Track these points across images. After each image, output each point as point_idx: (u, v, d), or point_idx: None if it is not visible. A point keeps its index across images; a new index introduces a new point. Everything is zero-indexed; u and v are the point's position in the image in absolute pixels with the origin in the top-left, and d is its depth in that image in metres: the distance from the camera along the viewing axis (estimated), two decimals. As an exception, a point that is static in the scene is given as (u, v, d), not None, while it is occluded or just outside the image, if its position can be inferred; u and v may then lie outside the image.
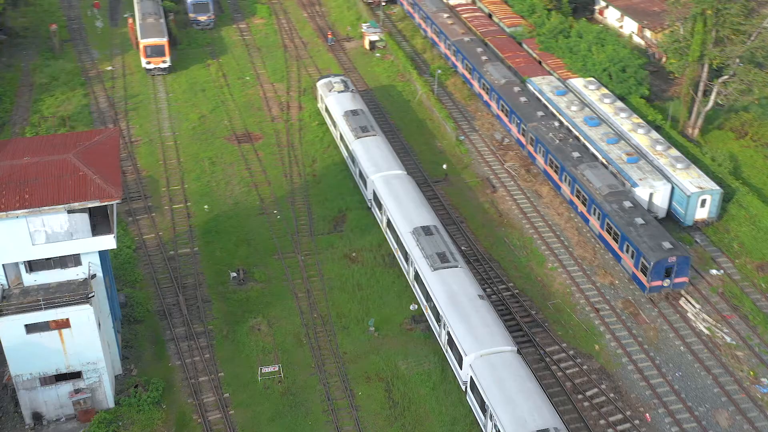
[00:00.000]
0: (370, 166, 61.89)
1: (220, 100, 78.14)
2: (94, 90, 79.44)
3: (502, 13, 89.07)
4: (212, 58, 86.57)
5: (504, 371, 43.65)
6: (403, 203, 57.37)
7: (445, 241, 53.22)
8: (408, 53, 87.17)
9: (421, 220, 55.33)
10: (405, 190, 58.92)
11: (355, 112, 68.55)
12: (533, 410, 41.27)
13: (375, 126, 66.97)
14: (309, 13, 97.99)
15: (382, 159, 62.69)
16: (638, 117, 67.41)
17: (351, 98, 71.25)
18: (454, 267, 51.03)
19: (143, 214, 62.01)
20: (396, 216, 56.25)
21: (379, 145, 64.52)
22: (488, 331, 46.18)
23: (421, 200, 58.09)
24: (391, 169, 61.53)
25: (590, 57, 74.74)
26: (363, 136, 65.27)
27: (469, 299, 48.46)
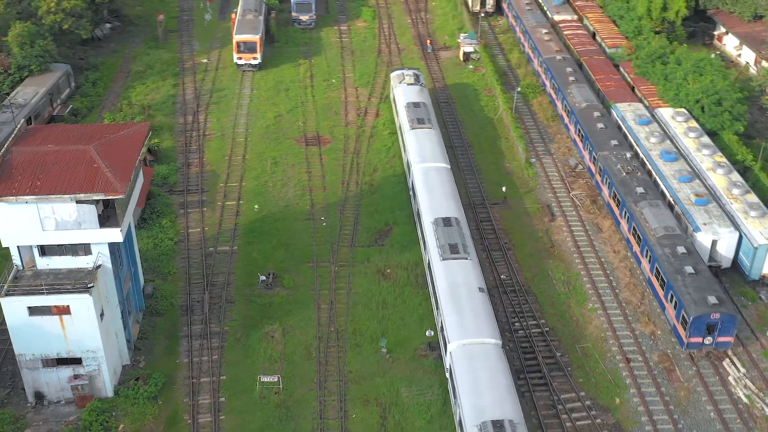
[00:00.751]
0: (415, 156, 62.72)
1: (300, 101, 78.38)
2: (185, 81, 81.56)
3: (607, 32, 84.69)
4: (305, 58, 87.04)
5: (480, 362, 44.12)
6: (434, 194, 58.03)
7: (461, 234, 53.58)
8: (501, 67, 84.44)
9: (445, 211, 55.81)
10: (440, 182, 59.47)
11: (417, 105, 69.35)
12: (496, 401, 41.65)
13: (432, 119, 67.78)
14: (413, 19, 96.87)
15: (429, 151, 63.27)
16: (722, 155, 62.17)
17: (418, 91, 71.95)
18: (462, 259, 51.39)
19: (195, 208, 62.92)
20: (423, 205, 57.07)
21: (431, 137, 65.07)
22: (476, 322, 46.64)
23: (453, 194, 58.41)
24: (435, 162, 62.06)
25: (684, 86, 69.73)
26: (417, 127, 66.14)
27: (468, 291, 48.94)
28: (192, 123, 74.31)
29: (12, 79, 73.76)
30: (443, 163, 62.27)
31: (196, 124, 74.26)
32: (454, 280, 49.78)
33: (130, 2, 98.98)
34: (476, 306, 47.79)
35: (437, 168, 61.42)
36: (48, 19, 76.33)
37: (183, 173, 67.08)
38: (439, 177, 60.24)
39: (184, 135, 72.36)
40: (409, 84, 73.24)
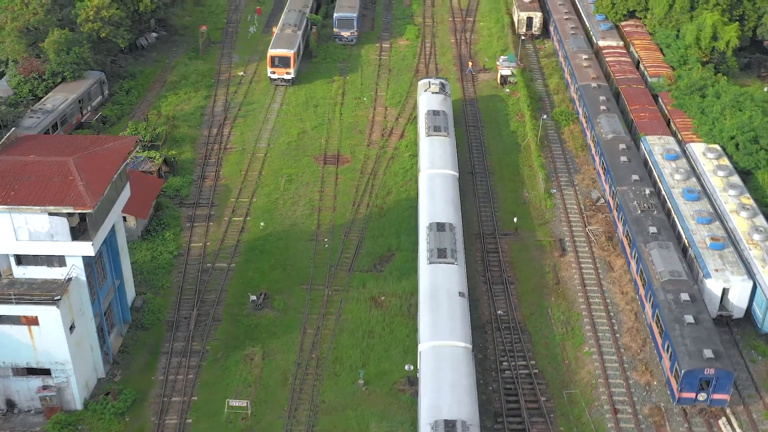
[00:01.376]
0: (425, 162, 63.32)
1: (327, 118, 77.68)
2: (217, 93, 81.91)
3: (651, 60, 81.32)
4: (340, 74, 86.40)
5: (446, 363, 44.50)
6: (435, 200, 58.37)
7: (453, 239, 53.73)
8: (537, 93, 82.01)
9: (441, 216, 56.06)
10: (444, 189, 59.80)
11: (437, 113, 69.67)
12: (454, 402, 41.88)
13: (449, 127, 68.07)
14: (457, 39, 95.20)
15: (440, 158, 63.69)
16: (750, 197, 58.53)
17: (441, 100, 72.13)
18: (449, 263, 51.68)
19: (202, 222, 62.72)
20: (422, 210, 57.65)
21: (444, 145, 65.47)
22: (450, 325, 47.02)
23: (453, 200, 58.65)
24: (444, 168, 62.48)
25: (720, 121, 66.16)
26: (433, 135, 66.70)
27: (448, 294, 49.28)
28: (216, 136, 74.35)
29: (46, 84, 75.26)
30: (451, 170, 62.57)
31: (219, 136, 74.26)
32: (436, 283, 50.26)
33: (180, 13, 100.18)
34: (453, 310, 48.17)
35: (443, 175, 61.76)
36: (86, 27, 77.67)
37: (197, 186, 67.07)
38: (444, 183, 60.57)
39: (206, 147, 72.44)
40: (434, 93, 73.49)
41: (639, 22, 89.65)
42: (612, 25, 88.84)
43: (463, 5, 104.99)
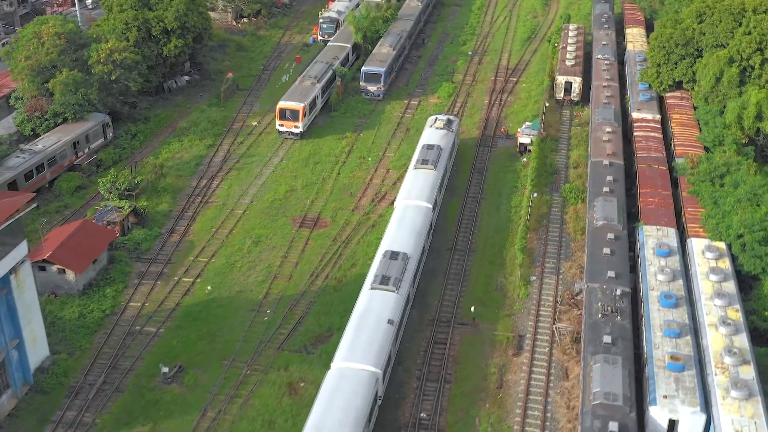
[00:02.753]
0: (402, 193, 64.19)
1: (323, 177, 74.20)
2: (222, 143, 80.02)
3: (683, 138, 73.54)
4: (354, 131, 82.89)
5: (347, 385, 44.96)
6: (400, 230, 59.05)
7: (402, 269, 54.15)
8: (554, 165, 75.65)
9: (398, 245, 56.65)
10: (412, 220, 60.31)
11: (431, 147, 70.04)
12: (338, 423, 42.34)
13: (439, 161, 68.17)
14: (490, 101, 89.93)
15: (418, 189, 64.17)
16: (740, 309, 50.56)
17: (441, 135, 72.32)
18: (389, 291, 52.27)
19: (150, 280, 60.23)
20: (385, 239, 58.06)
21: (428, 177, 65.83)
22: (366, 348, 47.45)
23: (419, 232, 59.01)
24: (418, 200, 62.93)
25: (730, 215, 58.28)
26: (419, 167, 67.28)
27: (377, 320, 49.86)
28: (203, 188, 72.17)
29: (47, 124, 75.32)
30: (425, 202, 62.73)
31: (205, 189, 72.01)
32: (370, 308, 50.94)
33: (219, 57, 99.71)
34: (374, 335, 48.64)
35: (416, 206, 62.21)
36: (96, 69, 77.50)
37: (161, 240, 64.76)
38: (414, 214, 61.12)
39: (187, 200, 70.26)
40: (437, 128, 73.80)
41: (686, 93, 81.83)
42: (653, 96, 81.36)
43: (512, 63, 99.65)
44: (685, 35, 79.88)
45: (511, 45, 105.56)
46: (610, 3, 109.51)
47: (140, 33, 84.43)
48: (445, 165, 69.44)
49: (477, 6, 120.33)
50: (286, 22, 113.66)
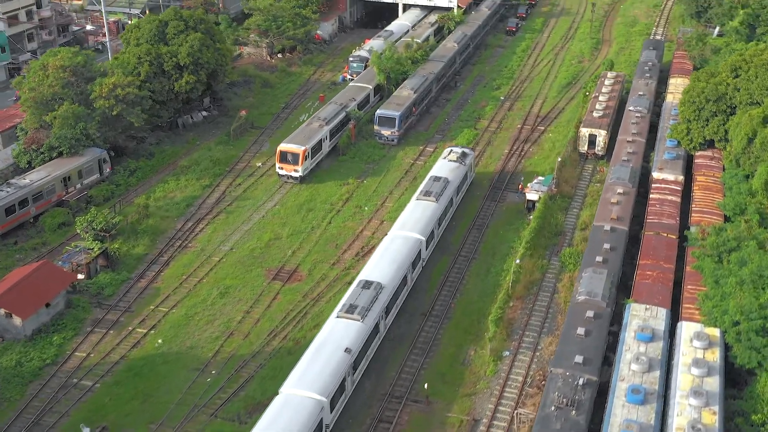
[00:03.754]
0: (397, 224, 63.55)
1: (311, 226, 70.76)
2: (220, 183, 77.69)
3: (703, 204, 67.03)
4: (358, 177, 79.30)
5: (289, 411, 44.68)
6: (383, 259, 58.55)
7: (372, 299, 53.55)
8: (560, 227, 70.06)
9: (375, 275, 56.22)
10: (398, 250, 59.59)
11: (437, 178, 69.28)
12: None
13: (442, 193, 67.25)
14: (510, 150, 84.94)
15: (415, 221, 63.33)
16: (716, 412, 44.27)
17: (452, 168, 71.42)
18: (354, 320, 51.72)
19: (103, 328, 57.80)
20: (365, 269, 57.84)
21: (426, 209, 65.02)
22: (315, 377, 47.09)
23: (401, 262, 58.24)
24: (411, 231, 62.09)
25: (728, 299, 51.88)
26: (422, 198, 66.64)
27: (335, 348, 49.45)
28: (186, 231, 69.71)
29: (43, 157, 74.47)
30: (418, 234, 61.81)
31: (188, 233, 69.50)
32: (331, 336, 50.53)
33: (243, 93, 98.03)
34: (328, 362, 48.22)
35: (406, 237, 61.34)
36: (98, 104, 76.41)
37: (127, 286, 62.34)
38: (402, 245, 60.30)
39: (166, 243, 67.82)
40: (450, 160, 72.99)
41: (719, 153, 75.11)
42: (679, 155, 74.91)
43: (544, 111, 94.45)
44: (718, 90, 73.48)
45: (547, 91, 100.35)
46: (660, 50, 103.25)
47: (152, 68, 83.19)
48: (450, 198, 68.14)
49: (521, 48, 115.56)
50: (321, 59, 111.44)
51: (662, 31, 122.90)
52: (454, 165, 72.11)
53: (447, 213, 67.95)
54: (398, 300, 57.49)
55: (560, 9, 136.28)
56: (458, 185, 70.65)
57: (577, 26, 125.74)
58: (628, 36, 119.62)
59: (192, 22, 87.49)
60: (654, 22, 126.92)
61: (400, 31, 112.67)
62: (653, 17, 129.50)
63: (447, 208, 67.68)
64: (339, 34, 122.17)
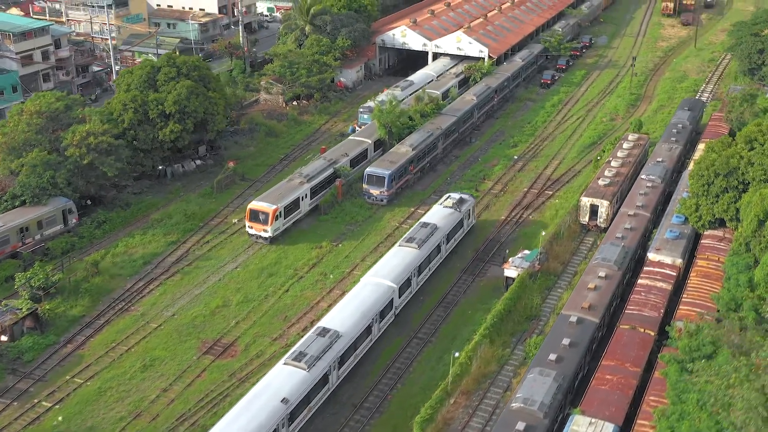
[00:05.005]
0: (372, 270, 61.75)
1: (266, 294, 65.70)
2: (187, 241, 73.63)
3: (697, 294, 58.92)
4: (334, 241, 74.02)
5: None
6: (348, 306, 56.68)
7: (325, 347, 51.52)
8: (535, 310, 62.86)
9: (334, 323, 54.25)
10: (365, 298, 57.72)
11: (426, 225, 67.36)
12: None
13: (427, 240, 65.11)
14: (508, 217, 78.10)
15: (390, 268, 61.39)
16: None
17: (445, 215, 69.40)
18: (300, 369, 49.82)
19: (7, 399, 53.96)
20: (327, 314, 56.42)
21: (406, 256, 63.11)
22: (242, 426, 45.20)
23: (366, 312, 56.09)
24: (383, 278, 60.05)
25: (685, 420, 43.99)
26: (404, 245, 64.69)
27: (270, 397, 47.50)
28: (133, 292, 65.73)
29: (5, 206, 72.07)
30: (390, 281, 59.61)
31: (136, 294, 65.48)
32: (269, 385, 48.68)
33: (244, 142, 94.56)
34: (259, 413, 46.23)
35: (378, 284, 59.39)
36: (69, 152, 73.78)
37: (51, 351, 58.49)
38: (370, 293, 58.33)
39: (107, 305, 63.89)
40: (445, 206, 70.87)
41: (730, 234, 66.63)
42: (685, 234, 66.84)
43: (558, 174, 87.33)
44: (729, 164, 65.32)
45: (567, 151, 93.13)
46: (697, 111, 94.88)
47: (137, 115, 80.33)
48: (436, 246, 65.82)
49: (552, 103, 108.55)
50: (338, 107, 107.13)
51: (711, 89, 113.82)
52: (448, 211, 69.87)
53: (431, 261, 65.46)
54: (358, 350, 55.26)
55: (607, 61, 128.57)
56: (448, 233, 68.11)
57: (621, 80, 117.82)
58: (672, 93, 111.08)
59: (185, 68, 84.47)
60: (705, 78, 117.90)
61: (422, 81, 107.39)
62: (706, 73, 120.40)
63: (431, 256, 65.16)
64: (365, 82, 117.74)
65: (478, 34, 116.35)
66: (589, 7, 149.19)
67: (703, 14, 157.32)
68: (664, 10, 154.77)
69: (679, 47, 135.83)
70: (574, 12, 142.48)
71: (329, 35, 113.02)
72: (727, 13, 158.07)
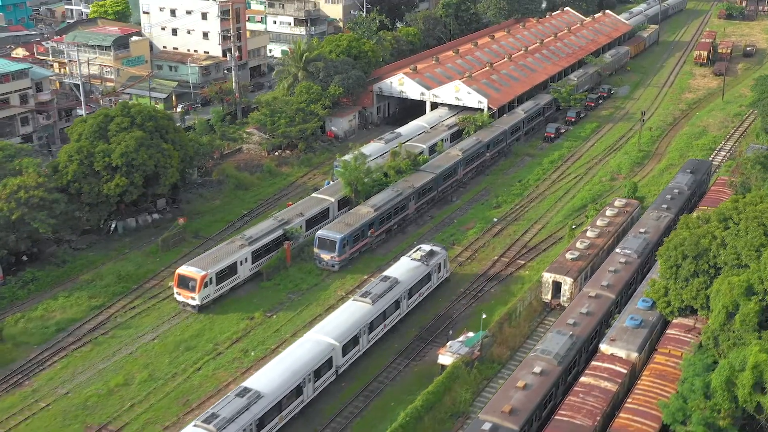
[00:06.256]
0: (318, 326, 59.22)
1: (173, 373, 59.79)
2: (113, 306, 68.45)
3: (644, 399, 50.79)
4: (269, 311, 67.94)
5: None
6: (278, 365, 53.86)
7: (243, 409, 48.62)
8: (464, 405, 55.34)
9: (259, 383, 51.42)
10: (299, 356, 54.75)
11: (387, 278, 64.31)
12: None
13: (383, 295, 62.02)
14: (467, 290, 70.87)
15: (336, 324, 58.70)
16: None
17: (410, 268, 66.13)
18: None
19: None
20: (256, 373, 53.81)
21: (356, 312, 60.25)
22: None
23: (296, 371, 53.03)
24: (326, 335, 57.33)
25: None
26: (358, 299, 61.97)
27: None
28: (33, 365, 60.56)
29: (-76, 263, 68.16)
30: (331, 338, 56.78)
31: (36, 366, 60.32)
32: None
33: (210, 194, 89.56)
34: None
35: (317, 341, 56.57)
36: (-2, 207, 69.70)
37: None
38: (306, 351, 55.37)
39: (2, 378, 58.75)
40: (413, 259, 67.72)
41: (702, 323, 58.18)
42: (648, 322, 58.76)
43: (537, 240, 79.89)
44: (699, 245, 57.13)
45: (554, 214, 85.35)
46: (700, 174, 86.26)
47: (82, 167, 75.96)
48: (394, 301, 62.66)
49: (551, 159, 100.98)
50: (323, 158, 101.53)
51: (731, 147, 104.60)
52: (414, 265, 66.80)
53: (386, 318, 62.06)
54: (284, 412, 52.00)
55: (623, 113, 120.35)
56: (411, 287, 64.95)
57: (633, 134, 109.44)
58: (685, 151, 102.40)
59: (140, 118, 79.99)
60: (726, 135, 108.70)
61: (412, 134, 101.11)
62: (728, 129, 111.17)
63: (386, 312, 61.91)
64: (359, 131, 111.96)
65: (479, 83, 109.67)
66: (614, 55, 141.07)
67: (740, 64, 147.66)
68: (697, 58, 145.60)
69: (705, 99, 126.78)
70: (595, 60, 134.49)
71: (321, 82, 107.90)
72: (767, 62, 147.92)
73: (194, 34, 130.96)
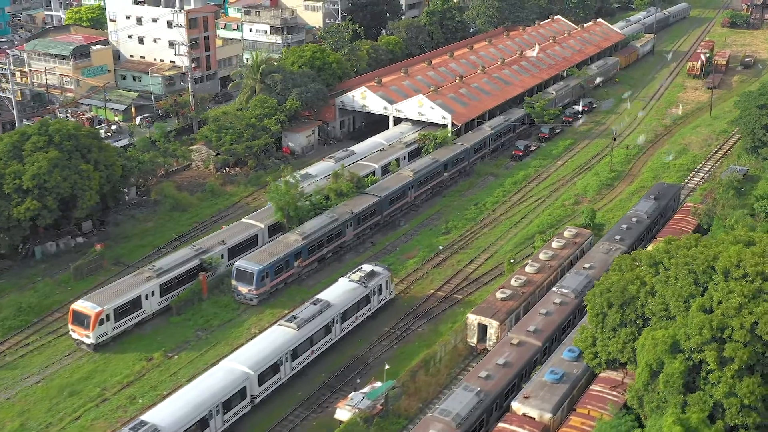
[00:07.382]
0: (236, 353, 55.98)
1: (48, 423, 54.62)
2: (6, 342, 63.35)
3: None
4: (169, 351, 62.59)
5: None
6: (182, 397, 50.82)
7: None
8: (356, 467, 49.49)
9: (157, 417, 47.97)
10: (208, 386, 51.47)
11: (317, 302, 60.82)
12: None
13: (311, 320, 58.57)
14: (393, 329, 65.04)
15: (256, 351, 55.43)
16: None
17: (346, 290, 62.79)
18: None
19: None
20: (158, 406, 50.53)
21: (279, 337, 56.85)
22: None
23: (201, 403, 49.81)
24: (241, 363, 53.94)
25: None
26: (283, 324, 58.41)
27: None
28: None
29: None
30: (247, 367, 53.34)
31: None
32: None
33: (143, 216, 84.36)
34: None
35: (230, 370, 53.16)
36: None
37: None
38: (218, 381, 51.97)
39: None
40: (352, 280, 64.23)
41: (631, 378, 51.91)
42: (571, 376, 52.57)
43: (483, 271, 73.89)
44: (625, 293, 50.88)
45: (504, 242, 79.13)
46: (665, 200, 79.77)
47: (-11, 189, 71.15)
48: (324, 326, 59.14)
49: (515, 180, 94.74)
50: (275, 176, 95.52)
51: (711, 166, 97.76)
52: (351, 287, 63.42)
53: (313, 344, 58.56)
54: None
55: (602, 129, 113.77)
56: (345, 310, 61.41)
57: (608, 153, 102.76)
58: (659, 171, 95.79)
59: (58, 137, 74.95)
60: (707, 154, 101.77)
61: (367, 151, 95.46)
62: (711, 147, 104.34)
63: (314, 338, 58.48)
64: (319, 147, 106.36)
65: (444, 97, 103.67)
66: (601, 67, 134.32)
67: (735, 76, 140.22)
68: (690, 70, 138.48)
69: (693, 114, 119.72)
70: (578, 72, 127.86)
71: (279, 95, 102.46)
72: (766, 74, 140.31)
73: (160, 43, 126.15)
